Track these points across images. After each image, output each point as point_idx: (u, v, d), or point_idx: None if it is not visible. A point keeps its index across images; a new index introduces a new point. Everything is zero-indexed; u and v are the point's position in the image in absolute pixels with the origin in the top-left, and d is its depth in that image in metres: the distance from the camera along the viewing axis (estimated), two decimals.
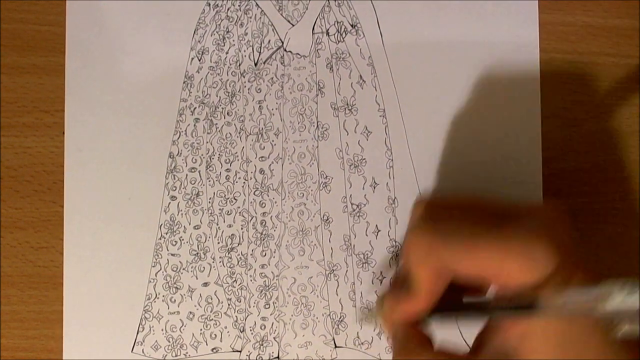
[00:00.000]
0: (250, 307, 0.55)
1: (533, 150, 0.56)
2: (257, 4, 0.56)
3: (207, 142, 0.56)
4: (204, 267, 0.55)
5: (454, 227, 0.44)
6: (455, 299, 0.46)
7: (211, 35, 0.56)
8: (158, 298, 0.55)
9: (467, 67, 0.56)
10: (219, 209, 0.55)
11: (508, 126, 0.55)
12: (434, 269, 0.44)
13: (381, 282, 0.55)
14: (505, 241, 0.42)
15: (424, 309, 0.46)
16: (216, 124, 0.56)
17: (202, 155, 0.55)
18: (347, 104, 0.56)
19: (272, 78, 0.56)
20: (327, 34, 0.56)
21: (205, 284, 0.55)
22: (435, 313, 0.46)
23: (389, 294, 0.49)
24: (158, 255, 0.55)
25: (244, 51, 0.56)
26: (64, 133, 0.55)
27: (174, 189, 0.55)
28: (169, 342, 0.55)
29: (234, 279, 0.55)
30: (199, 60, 0.56)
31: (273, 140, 0.56)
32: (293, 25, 0.56)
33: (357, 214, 0.55)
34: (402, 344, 0.47)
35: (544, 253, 0.41)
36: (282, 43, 0.56)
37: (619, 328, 0.39)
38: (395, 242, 0.55)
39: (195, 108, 0.56)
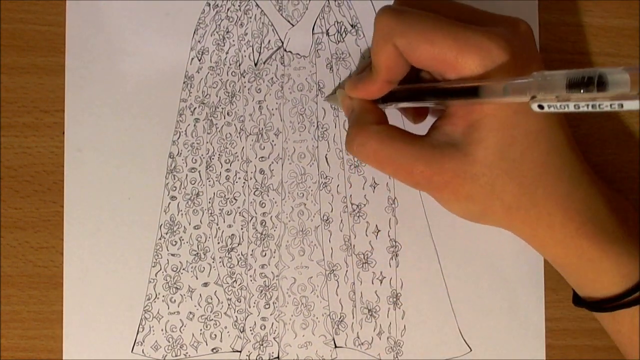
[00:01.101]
0: (250, 307, 0.55)
1: None
2: (257, 4, 0.56)
3: (207, 142, 0.56)
4: (204, 267, 0.55)
5: (419, 15, 0.45)
6: (412, 87, 0.48)
7: (211, 36, 0.56)
8: (158, 298, 0.55)
9: None
10: (219, 209, 0.55)
11: None
12: (391, 51, 0.45)
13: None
14: (464, 35, 0.44)
15: (380, 90, 0.49)
16: (216, 124, 0.56)
17: (202, 155, 0.55)
18: None
19: (272, 78, 0.56)
20: (327, 34, 0.56)
21: (205, 284, 0.55)
22: (391, 99, 0.49)
23: (353, 75, 0.53)
24: (158, 256, 0.55)
25: (244, 51, 0.56)
26: (64, 133, 0.55)
27: (174, 189, 0.55)
28: (169, 342, 0.55)
29: (234, 279, 0.55)
30: (199, 61, 0.56)
31: (273, 141, 0.56)
32: (293, 26, 0.56)
33: (357, 214, 0.55)
34: (358, 116, 0.50)
35: (498, 50, 0.43)
36: (282, 43, 0.56)
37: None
38: (395, 241, 0.55)
39: (195, 108, 0.56)
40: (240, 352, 0.55)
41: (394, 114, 0.54)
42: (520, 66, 0.44)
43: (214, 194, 0.55)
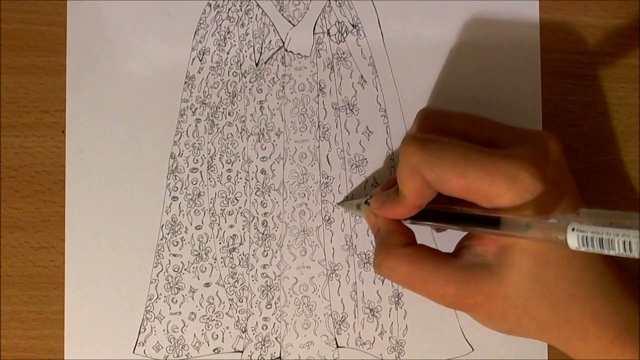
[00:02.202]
0: (252, 307, 0.55)
1: None
2: (258, 4, 0.56)
3: (209, 143, 0.56)
4: (205, 268, 0.55)
5: (446, 146, 0.44)
6: (439, 208, 0.47)
7: (212, 36, 0.56)
8: (160, 298, 0.55)
9: (468, 67, 0.56)
10: (221, 210, 0.55)
11: None
12: (420, 183, 0.45)
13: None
14: (495, 165, 0.43)
15: (407, 214, 0.48)
16: (217, 124, 0.56)
17: (203, 155, 0.55)
18: (348, 104, 0.56)
19: (273, 78, 0.56)
20: (328, 34, 0.56)
21: (207, 285, 0.55)
22: (418, 218, 0.48)
23: (378, 191, 0.51)
24: (159, 256, 0.55)
25: (245, 51, 0.56)
26: (63, 132, 0.55)
27: (176, 189, 0.55)
28: (171, 342, 0.55)
29: (235, 279, 0.55)
30: (200, 61, 0.56)
31: (274, 141, 0.56)
32: (294, 26, 0.56)
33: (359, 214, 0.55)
34: (385, 237, 0.49)
35: (532, 179, 0.42)
36: (283, 43, 0.56)
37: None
38: None
39: (196, 108, 0.56)
40: (242, 352, 0.55)
41: None
42: (555, 194, 0.44)
43: (216, 194, 0.55)
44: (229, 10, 0.56)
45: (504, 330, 0.48)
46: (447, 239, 0.50)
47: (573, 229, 0.39)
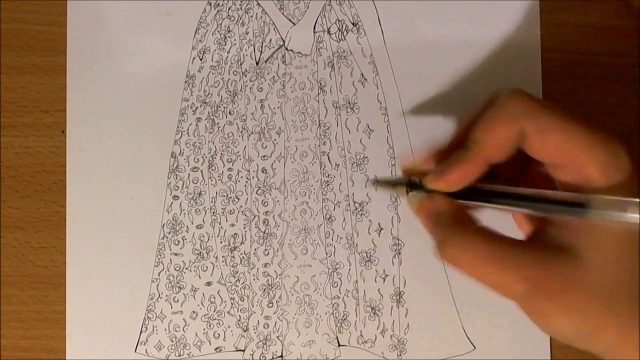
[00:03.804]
0: (253, 306, 0.55)
1: None
2: (258, 3, 0.56)
3: (209, 142, 0.56)
4: (206, 267, 0.55)
5: (552, 105, 0.43)
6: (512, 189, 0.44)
7: (212, 35, 0.56)
8: (161, 298, 0.55)
9: (469, 66, 0.56)
10: (222, 208, 0.55)
11: None
12: (512, 132, 0.43)
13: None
14: (597, 133, 0.41)
15: (477, 169, 0.44)
16: (218, 123, 0.56)
17: (204, 154, 0.55)
18: (349, 103, 0.56)
19: (274, 77, 0.56)
20: (329, 32, 0.56)
21: (208, 284, 0.55)
22: (489, 197, 0.45)
23: (432, 174, 0.46)
24: (161, 255, 0.55)
25: (246, 50, 0.56)
26: (63, 132, 0.55)
27: (177, 188, 0.55)
28: (172, 341, 0.55)
29: (237, 278, 0.55)
30: (201, 60, 0.56)
31: (275, 139, 0.56)
32: (294, 24, 0.56)
33: (360, 212, 0.55)
34: (451, 219, 0.45)
35: (627, 158, 0.40)
36: (284, 42, 0.56)
37: None
38: (398, 239, 0.55)
39: (197, 107, 0.56)
40: (243, 351, 0.55)
41: None
42: (636, 185, 0.41)
43: (217, 193, 0.55)
44: (229, 9, 0.56)
45: (577, 336, 0.42)
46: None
47: None
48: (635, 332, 0.41)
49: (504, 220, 0.47)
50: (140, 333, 0.54)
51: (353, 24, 0.56)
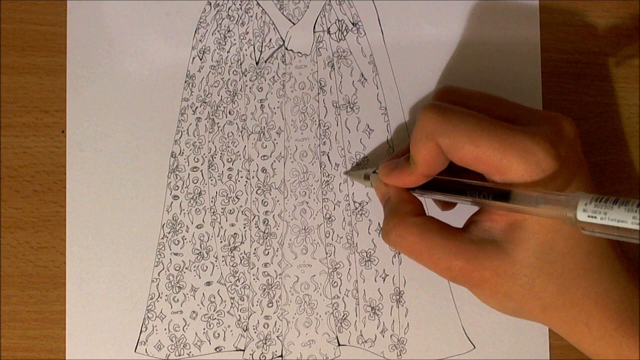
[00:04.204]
0: (253, 305, 0.55)
1: None
2: (258, 3, 0.56)
3: (209, 141, 0.56)
4: (206, 266, 0.55)
5: (464, 115, 0.45)
6: (449, 180, 0.48)
7: (212, 35, 0.56)
8: (161, 297, 0.55)
9: (469, 66, 0.56)
10: (222, 208, 0.55)
11: None
12: (433, 148, 0.45)
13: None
14: (509, 138, 0.43)
15: (415, 182, 0.48)
16: (218, 123, 0.56)
17: (204, 154, 0.55)
18: (349, 102, 0.56)
19: (274, 77, 0.56)
20: (328, 32, 0.56)
21: (208, 283, 0.55)
22: (427, 189, 0.48)
23: (388, 160, 0.51)
24: (161, 255, 0.55)
25: (245, 50, 0.56)
26: (63, 132, 0.55)
27: (176, 188, 0.55)
28: (172, 341, 0.55)
29: (236, 278, 0.55)
30: (200, 60, 0.56)
31: (275, 139, 0.56)
32: (294, 24, 0.56)
33: (360, 212, 0.55)
34: (395, 206, 0.49)
35: (545, 156, 0.43)
36: (283, 42, 0.56)
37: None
38: None
39: (196, 107, 0.56)
40: (243, 351, 0.55)
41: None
42: (567, 174, 0.44)
43: (216, 192, 0.55)
44: (229, 9, 0.56)
45: (507, 310, 0.48)
46: (454, 218, 0.50)
47: (585, 204, 0.39)
48: (558, 311, 0.46)
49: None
50: (140, 333, 0.54)
51: (353, 23, 0.56)
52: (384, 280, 0.55)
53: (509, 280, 0.45)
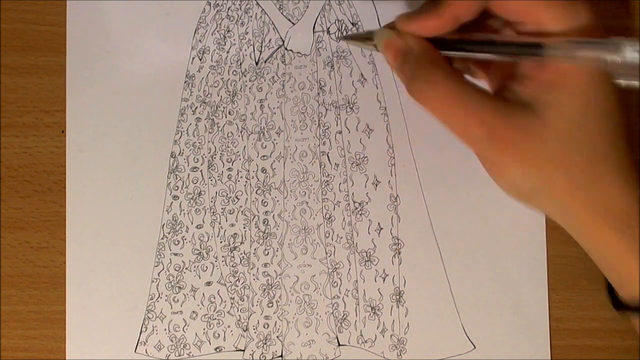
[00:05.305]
0: (253, 306, 0.55)
1: None
2: (257, 3, 0.56)
3: (209, 142, 0.56)
4: (206, 267, 0.55)
5: None
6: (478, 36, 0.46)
7: (212, 35, 0.56)
8: (161, 298, 0.55)
9: None
10: (221, 208, 0.55)
11: None
12: None
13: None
14: None
15: (442, 26, 0.45)
16: (218, 123, 0.56)
17: (203, 154, 0.55)
18: (349, 102, 0.56)
19: (273, 77, 0.56)
20: (328, 32, 0.56)
21: (208, 283, 0.55)
22: (454, 46, 0.46)
23: (403, 15, 0.47)
24: (160, 255, 0.55)
25: (245, 50, 0.56)
26: (63, 132, 0.55)
27: (176, 188, 0.55)
28: (172, 341, 0.55)
29: (236, 278, 0.55)
30: (200, 60, 0.56)
31: (275, 139, 0.56)
32: (294, 24, 0.56)
33: (359, 212, 0.55)
34: (422, 56, 0.45)
35: (584, 6, 0.42)
36: (283, 42, 0.56)
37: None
38: (398, 239, 0.55)
39: (196, 107, 0.56)
40: (243, 351, 0.55)
41: None
42: (598, 34, 0.43)
43: (216, 193, 0.55)
44: (228, 9, 0.56)
45: (529, 188, 0.45)
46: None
47: (632, 44, 0.39)
48: (581, 192, 0.43)
49: None
50: (140, 333, 0.54)
51: (352, 23, 0.56)
52: (384, 280, 0.55)
53: (540, 146, 0.43)
